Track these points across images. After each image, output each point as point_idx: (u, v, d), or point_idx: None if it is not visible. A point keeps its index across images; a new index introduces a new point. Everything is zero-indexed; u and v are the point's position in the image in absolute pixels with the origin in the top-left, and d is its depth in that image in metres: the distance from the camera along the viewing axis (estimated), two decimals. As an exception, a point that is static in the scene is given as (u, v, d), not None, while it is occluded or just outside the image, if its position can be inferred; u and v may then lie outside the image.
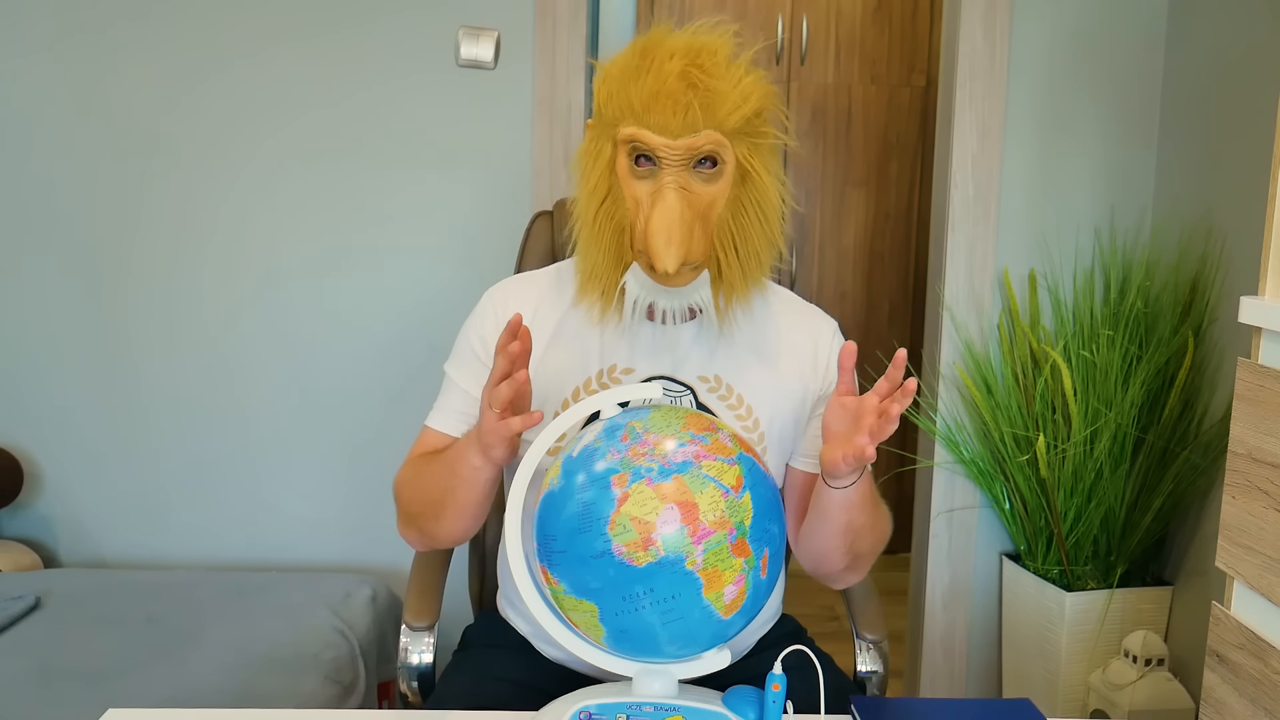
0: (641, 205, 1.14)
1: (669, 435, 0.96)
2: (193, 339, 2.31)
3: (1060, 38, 2.26)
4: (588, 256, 1.19)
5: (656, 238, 1.10)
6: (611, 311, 1.19)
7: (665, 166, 1.12)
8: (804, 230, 3.49)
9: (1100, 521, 2.14)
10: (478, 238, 2.29)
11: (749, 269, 1.18)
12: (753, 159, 1.16)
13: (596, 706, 1.00)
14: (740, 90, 1.13)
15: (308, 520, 2.36)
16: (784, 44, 3.40)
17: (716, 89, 1.11)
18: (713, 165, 1.14)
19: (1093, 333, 2.17)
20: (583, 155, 1.19)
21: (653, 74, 1.11)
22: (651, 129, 1.11)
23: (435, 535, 1.24)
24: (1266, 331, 1.30)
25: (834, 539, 1.18)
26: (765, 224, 1.18)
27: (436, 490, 1.19)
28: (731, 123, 1.13)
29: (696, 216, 1.13)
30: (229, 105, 2.26)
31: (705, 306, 1.17)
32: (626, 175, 1.15)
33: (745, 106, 1.13)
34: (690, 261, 1.13)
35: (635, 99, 1.12)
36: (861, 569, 1.27)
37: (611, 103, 1.14)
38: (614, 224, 1.16)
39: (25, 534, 2.35)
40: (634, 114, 1.12)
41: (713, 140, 1.12)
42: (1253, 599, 1.30)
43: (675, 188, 1.12)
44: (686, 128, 1.11)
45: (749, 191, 1.16)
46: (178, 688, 1.66)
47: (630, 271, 1.17)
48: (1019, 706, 1.06)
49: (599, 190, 1.16)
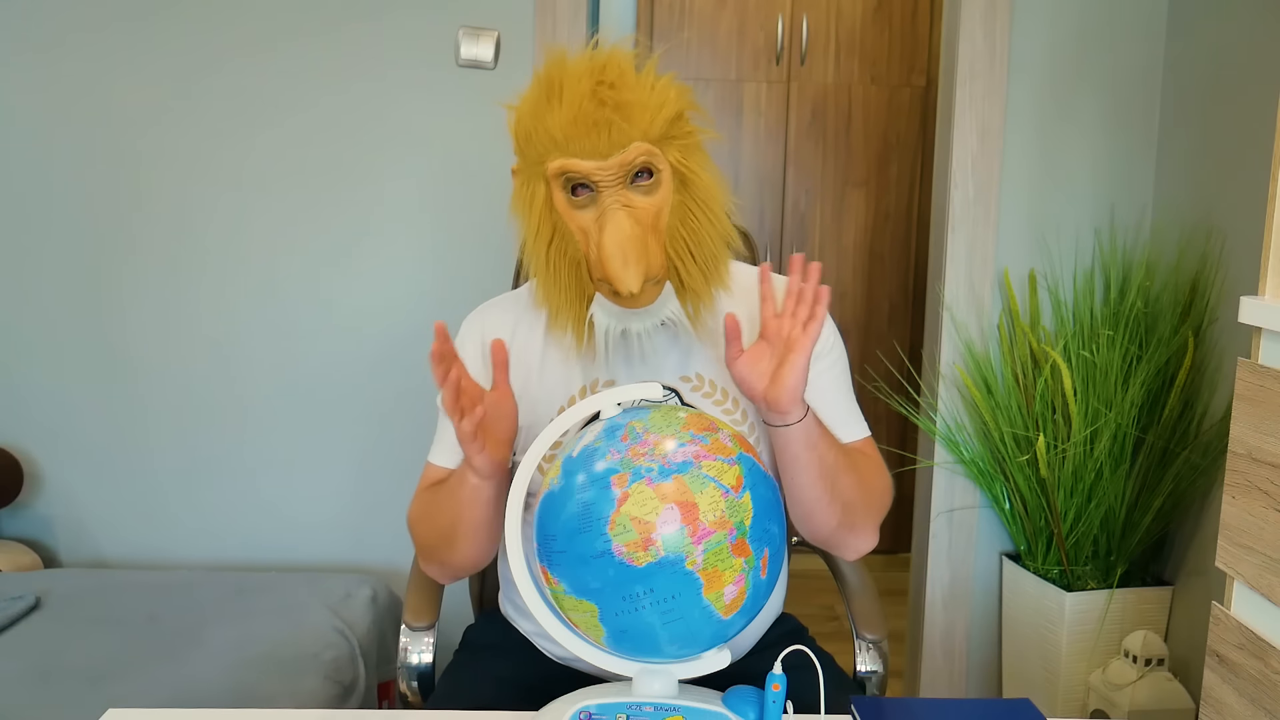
0: (589, 234, 1.13)
1: (669, 435, 0.96)
2: (193, 339, 2.31)
3: (1060, 37, 2.26)
4: (550, 299, 1.18)
5: (613, 261, 1.09)
6: (586, 345, 1.18)
7: (603, 189, 1.11)
8: (804, 230, 3.49)
9: (1100, 521, 2.15)
10: (477, 238, 2.29)
11: (709, 271, 1.17)
12: (686, 160, 1.15)
13: (596, 706, 1.00)
14: (656, 97, 1.12)
15: (308, 520, 2.36)
16: (784, 44, 3.40)
17: (631, 101, 1.10)
18: (649, 176, 1.13)
19: (1093, 333, 2.18)
20: (516, 201, 1.17)
21: (565, 101, 1.10)
22: (579, 155, 1.10)
23: (455, 564, 1.23)
24: (1266, 331, 1.30)
25: (813, 487, 1.15)
26: (715, 222, 1.17)
27: (445, 519, 1.19)
28: (655, 130, 1.12)
29: (647, 230, 1.12)
30: (228, 105, 2.26)
31: (677, 319, 1.17)
32: (566, 208, 1.14)
33: (665, 111, 1.12)
34: (651, 276, 1.12)
35: (555, 130, 1.10)
36: (860, 528, 1.22)
37: (531, 141, 1.13)
38: (568, 261, 1.15)
39: (25, 534, 2.35)
40: (557, 145, 1.11)
41: (643, 151, 1.11)
42: (1253, 599, 1.30)
43: (619, 206, 1.11)
44: (613, 145, 1.10)
45: (692, 194, 1.15)
46: (178, 688, 1.66)
47: (595, 303, 1.16)
48: (1019, 706, 1.06)
49: (544, 232, 1.15)
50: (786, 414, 1.10)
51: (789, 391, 1.08)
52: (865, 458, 1.24)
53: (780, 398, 1.09)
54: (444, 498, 1.19)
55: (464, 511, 1.15)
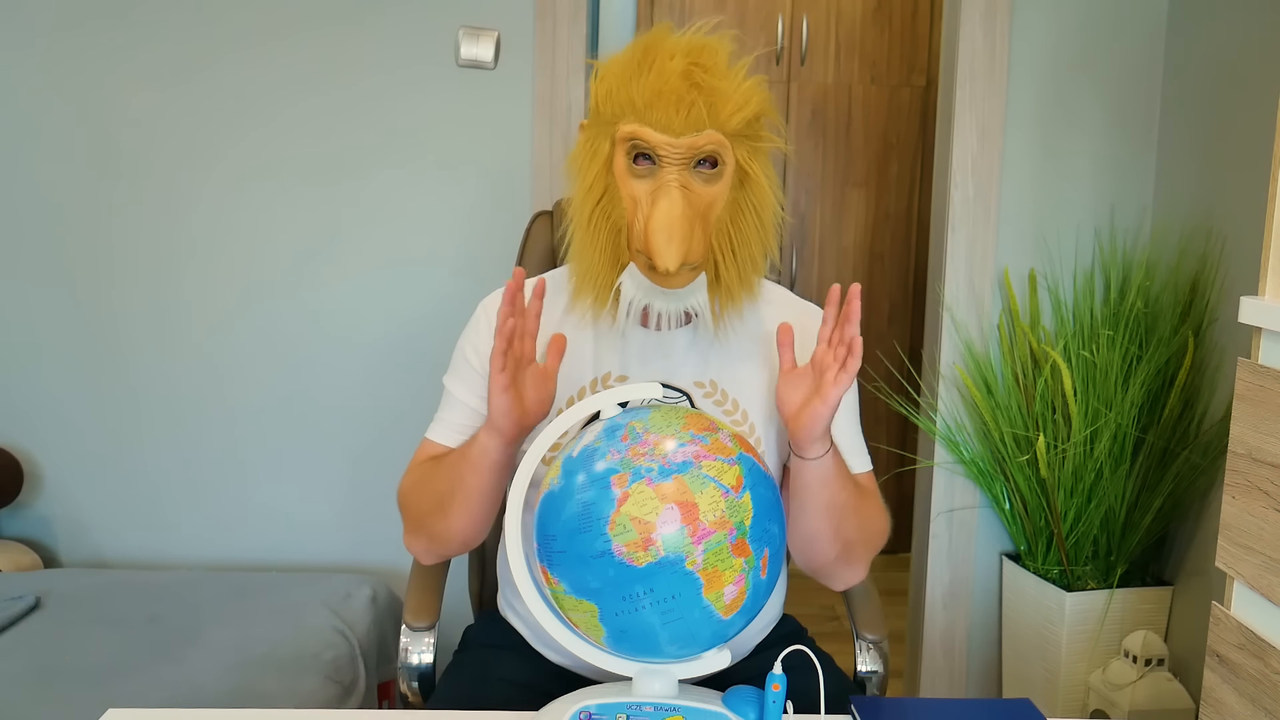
0: (640, 204, 1.13)
1: (669, 435, 0.96)
2: (193, 338, 2.31)
3: (1060, 37, 2.26)
4: (583, 257, 1.18)
5: (658, 235, 1.10)
6: (606, 314, 1.19)
7: (666, 165, 1.12)
8: (804, 230, 3.49)
9: (1100, 521, 2.15)
10: (477, 238, 2.29)
11: (745, 273, 1.18)
12: (752, 162, 1.15)
13: (596, 706, 1.00)
14: (742, 92, 1.13)
15: (308, 520, 2.36)
16: (784, 44, 3.40)
17: (720, 89, 1.11)
18: (713, 166, 1.14)
19: (1093, 333, 2.18)
20: (578, 154, 1.18)
21: (655, 72, 1.11)
22: (653, 126, 1.11)
23: (444, 535, 1.22)
24: (1266, 331, 1.30)
25: (818, 520, 1.17)
26: (762, 229, 1.18)
27: (445, 483, 1.19)
28: (733, 124, 1.13)
29: (697, 216, 1.13)
30: (226, 105, 2.26)
31: (701, 310, 1.17)
32: (624, 174, 1.14)
33: (746, 109, 1.13)
34: (690, 261, 1.13)
35: (637, 96, 1.11)
36: (855, 563, 1.24)
37: (610, 100, 1.14)
38: (610, 223, 1.15)
39: (25, 534, 2.35)
40: (635, 111, 1.11)
41: (715, 140, 1.12)
42: (1253, 599, 1.30)
43: (677, 185, 1.11)
44: (689, 126, 1.10)
45: (747, 195, 1.16)
46: (178, 688, 1.66)
47: (627, 272, 1.16)
48: (1019, 706, 1.06)
49: (595, 189, 1.16)
50: (804, 447, 1.12)
51: (806, 429, 1.10)
52: (870, 498, 1.25)
53: (799, 429, 1.11)
54: (447, 462, 1.20)
55: (466, 475, 1.15)
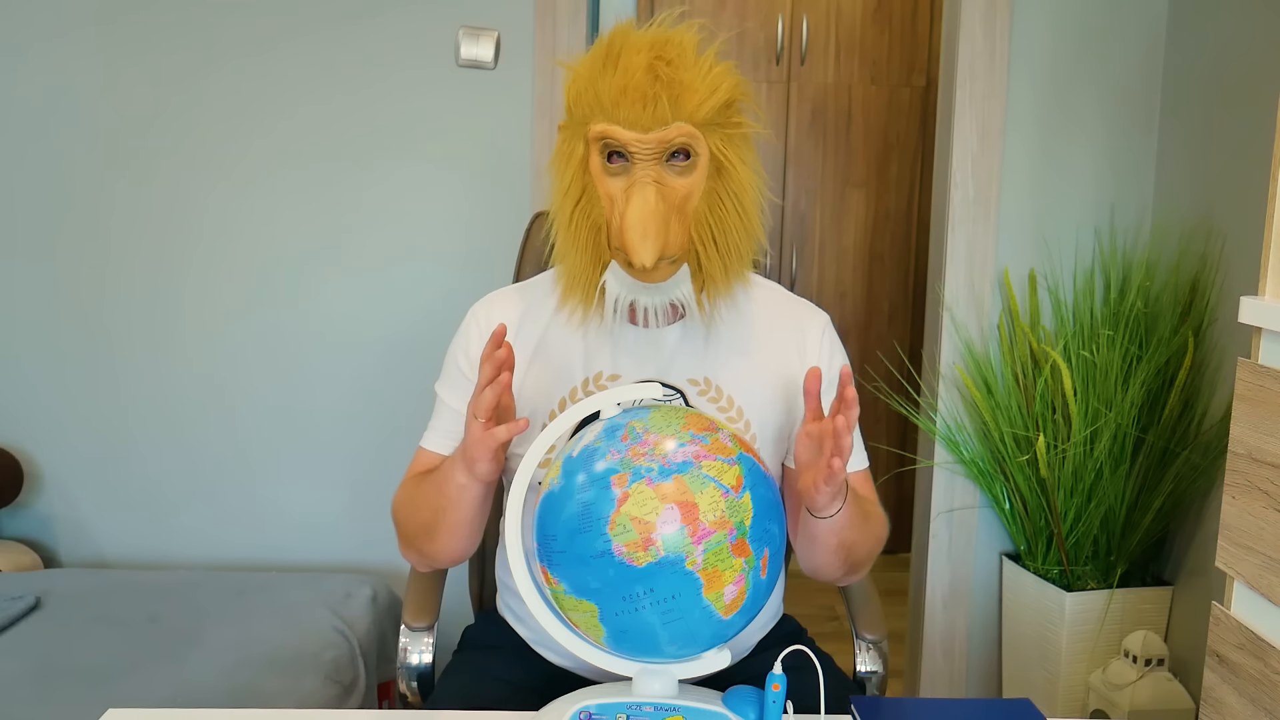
0: (616, 202, 1.13)
1: (669, 435, 0.96)
2: (194, 338, 2.31)
3: (1060, 37, 2.26)
4: (566, 258, 1.19)
5: (632, 232, 1.10)
6: (593, 313, 1.19)
7: (638, 161, 1.12)
8: (804, 230, 3.49)
9: (1100, 521, 2.14)
10: (477, 237, 2.29)
11: (729, 262, 1.18)
12: (726, 150, 1.15)
13: (596, 706, 1.00)
14: (709, 81, 1.13)
15: (308, 520, 2.36)
16: (784, 44, 3.40)
17: (684, 81, 1.11)
18: (685, 158, 1.14)
19: (1093, 333, 2.17)
20: (556, 157, 1.19)
21: (620, 69, 1.11)
22: (622, 124, 1.11)
23: (433, 556, 1.24)
24: (1266, 331, 1.30)
25: (827, 556, 1.19)
26: (743, 216, 1.17)
27: (427, 511, 1.19)
28: (702, 114, 1.12)
29: (672, 210, 1.13)
30: (226, 106, 2.26)
31: (687, 302, 1.17)
32: (599, 173, 1.15)
33: (715, 97, 1.13)
34: (667, 255, 1.13)
35: (603, 95, 1.11)
36: (861, 572, 1.29)
37: (580, 101, 1.14)
38: (590, 223, 1.16)
39: (25, 534, 2.35)
40: (603, 110, 1.12)
41: (683, 132, 1.12)
42: (1253, 599, 1.30)
43: (649, 181, 1.11)
44: (656, 121, 1.11)
45: (725, 183, 1.16)
46: (178, 688, 1.66)
47: (609, 270, 1.16)
48: (1019, 706, 1.06)
49: (573, 190, 1.16)
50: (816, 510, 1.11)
51: (810, 498, 1.10)
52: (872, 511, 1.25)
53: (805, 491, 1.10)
54: (429, 491, 1.20)
55: (448, 509, 1.16)
